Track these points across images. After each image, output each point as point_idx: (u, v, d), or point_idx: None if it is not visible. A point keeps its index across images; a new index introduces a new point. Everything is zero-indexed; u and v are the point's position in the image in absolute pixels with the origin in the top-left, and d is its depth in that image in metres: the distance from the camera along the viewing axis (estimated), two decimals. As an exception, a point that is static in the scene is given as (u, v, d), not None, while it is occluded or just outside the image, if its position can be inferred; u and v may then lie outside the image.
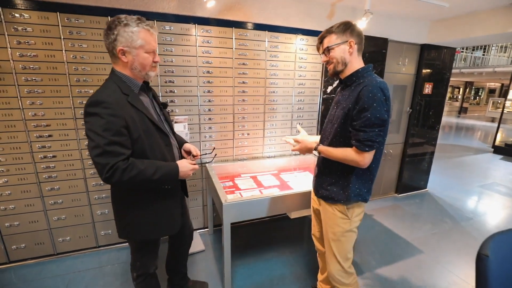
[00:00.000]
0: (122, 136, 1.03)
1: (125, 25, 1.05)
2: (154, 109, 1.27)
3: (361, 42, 1.25)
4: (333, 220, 1.38)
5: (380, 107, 1.10)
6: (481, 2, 2.31)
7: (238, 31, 2.23)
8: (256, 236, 2.55)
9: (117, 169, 1.01)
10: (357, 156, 1.18)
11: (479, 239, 2.63)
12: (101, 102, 1.02)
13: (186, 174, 1.23)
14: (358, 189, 1.30)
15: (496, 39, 2.74)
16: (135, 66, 1.12)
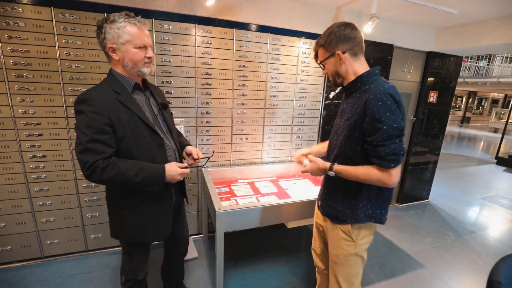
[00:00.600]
0: (104, 134, 1.01)
1: (112, 22, 1.04)
2: (150, 109, 1.22)
3: (354, 45, 1.11)
4: (336, 241, 1.26)
5: (394, 115, 0.98)
6: (489, 11, 2.24)
7: (239, 32, 2.17)
8: (251, 244, 2.47)
9: (97, 167, 0.99)
10: (383, 175, 1.02)
11: (483, 254, 2.55)
12: (86, 99, 1.01)
13: (173, 178, 1.16)
14: (370, 209, 1.17)
15: (504, 49, 2.67)
16: (126, 63, 1.09)
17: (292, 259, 2.28)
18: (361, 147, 1.10)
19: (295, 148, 2.67)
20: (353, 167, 1.09)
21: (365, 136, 1.06)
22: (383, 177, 1.03)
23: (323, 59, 1.16)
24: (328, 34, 1.12)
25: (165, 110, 1.32)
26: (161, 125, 1.26)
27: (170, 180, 1.16)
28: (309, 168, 1.23)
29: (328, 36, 1.12)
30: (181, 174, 1.18)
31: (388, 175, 1.02)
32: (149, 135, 1.15)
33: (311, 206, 1.85)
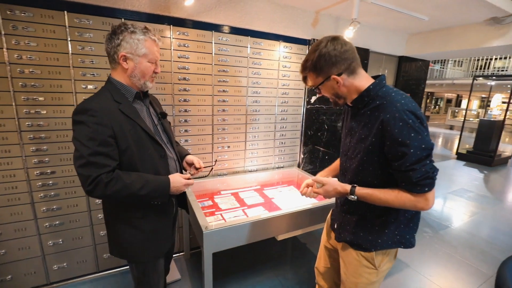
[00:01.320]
0: (108, 147, 0.97)
1: (132, 32, 1.04)
2: (151, 118, 1.20)
3: (350, 62, 0.96)
4: (355, 269, 1.13)
5: (420, 134, 0.86)
6: (456, 18, 2.37)
7: (219, 35, 2.04)
8: (237, 259, 2.33)
9: (100, 182, 0.95)
10: (418, 201, 0.90)
11: (459, 248, 2.68)
12: (87, 109, 0.96)
13: (178, 189, 1.14)
14: (398, 235, 1.04)
15: (469, 54, 2.86)
16: (135, 74, 1.08)
17: (281, 271, 2.19)
18: (382, 170, 0.98)
19: (278, 155, 2.60)
20: (381, 191, 0.96)
21: (390, 161, 0.93)
22: (419, 202, 0.91)
23: (317, 84, 1.01)
24: (317, 58, 0.95)
25: (164, 120, 1.28)
26: (161, 135, 1.22)
27: (174, 192, 1.13)
28: (322, 191, 1.06)
29: (317, 61, 0.96)
30: (185, 185, 1.16)
31: (424, 199, 0.90)
32: (152, 146, 1.11)
33: (303, 216, 1.77)
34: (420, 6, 2.12)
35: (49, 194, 1.71)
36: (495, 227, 3.21)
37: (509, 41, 2.27)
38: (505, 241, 2.88)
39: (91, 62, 1.67)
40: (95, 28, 1.64)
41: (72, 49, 1.61)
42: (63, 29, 1.57)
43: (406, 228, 1.05)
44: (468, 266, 2.40)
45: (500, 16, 2.18)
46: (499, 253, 2.64)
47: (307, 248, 2.52)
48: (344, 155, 1.13)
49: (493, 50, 2.56)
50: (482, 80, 6.68)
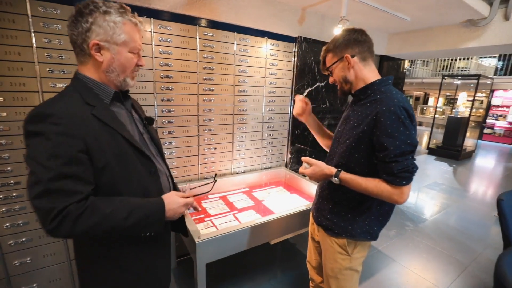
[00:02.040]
0: (78, 165, 0.72)
1: (105, 13, 0.79)
2: (135, 125, 0.94)
3: (364, 49, 1.06)
4: (330, 254, 1.20)
5: (408, 130, 0.93)
6: (435, 19, 2.45)
7: (203, 30, 1.92)
8: (228, 266, 2.24)
9: (67, 216, 0.69)
10: (394, 192, 0.96)
11: (438, 240, 2.80)
12: (47, 115, 0.70)
13: (175, 212, 0.90)
14: (367, 225, 1.11)
15: (446, 54, 2.99)
16: (113, 68, 0.83)
17: (273, 275, 2.13)
18: (366, 159, 1.03)
19: (266, 155, 2.53)
20: (363, 178, 1.01)
21: (375, 151, 0.98)
22: (394, 194, 0.96)
23: (331, 64, 1.10)
24: (337, 38, 1.08)
25: (150, 126, 1.03)
26: (148, 145, 0.97)
27: (171, 216, 0.89)
28: (310, 171, 1.10)
29: (336, 40, 1.08)
30: (185, 205, 0.93)
31: (400, 192, 0.96)
32: (138, 160, 0.86)
33: (296, 219, 1.73)
34: (405, 6, 2.15)
35: (14, 208, 1.49)
36: (467, 217, 3.42)
37: (483, 43, 2.38)
38: (477, 231, 3.07)
39: (59, 57, 1.48)
40: (64, 19, 1.45)
41: (37, 42, 1.41)
42: (25, 19, 1.37)
43: (376, 220, 1.12)
44: (448, 257, 2.51)
45: (476, 18, 2.28)
46: (473, 242, 2.80)
47: (297, 249, 2.50)
48: (336, 141, 1.18)
49: (468, 51, 2.69)
50: (449, 79, 7.13)
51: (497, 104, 9.53)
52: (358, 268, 1.20)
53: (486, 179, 5.30)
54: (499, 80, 8.58)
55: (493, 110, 9.58)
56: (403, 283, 2.13)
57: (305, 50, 2.45)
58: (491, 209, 3.70)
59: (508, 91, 9.28)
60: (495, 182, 5.09)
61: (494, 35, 2.31)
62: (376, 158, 0.99)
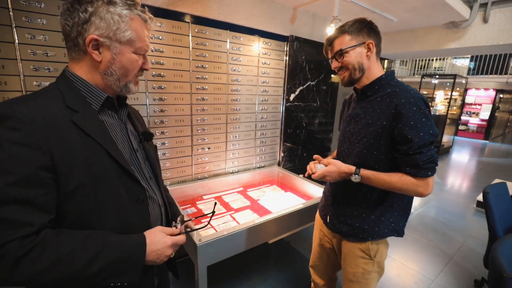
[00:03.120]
0: (35, 187, 0.56)
1: (109, 3, 0.65)
2: (127, 140, 0.78)
3: (380, 43, 1.05)
4: (351, 259, 1.16)
5: (430, 120, 0.93)
6: (420, 21, 2.55)
7: (196, 28, 1.88)
8: (224, 267, 2.21)
9: (4, 257, 0.52)
10: (420, 185, 0.93)
11: (424, 233, 2.91)
12: (5, 117, 0.55)
13: (160, 255, 0.70)
14: (393, 222, 1.08)
15: (430, 54, 3.12)
16: (112, 70, 0.69)
17: (270, 274, 2.13)
18: (385, 155, 1.01)
19: (259, 154, 2.53)
20: (386, 174, 0.98)
21: (397, 145, 0.96)
22: (420, 187, 0.94)
23: (348, 46, 1.00)
24: (360, 21, 1.02)
25: (147, 143, 0.86)
26: (141, 166, 0.79)
27: (154, 260, 0.69)
28: (325, 171, 1.04)
29: (360, 22, 1.02)
30: (173, 245, 0.73)
31: (426, 184, 0.94)
32: (122, 185, 0.69)
33: (294, 217, 1.73)
34: (393, 7, 2.22)
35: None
36: (448, 210, 3.60)
37: (464, 44, 2.51)
38: (458, 222, 3.24)
39: (44, 54, 1.39)
40: (48, 13, 1.36)
41: (19, 38, 1.31)
42: (6, 12, 1.27)
43: (399, 216, 1.09)
44: (434, 248, 2.63)
45: (458, 20, 2.39)
46: (456, 233, 2.95)
47: (291, 247, 2.51)
48: (347, 142, 1.14)
49: (450, 52, 2.82)
50: (427, 79, 7.46)
51: (471, 102, 10.11)
52: (381, 272, 1.17)
53: (462, 173, 5.60)
54: (472, 80, 9.10)
55: (467, 108, 10.15)
56: (395, 275, 2.21)
57: (297, 49, 2.46)
58: (470, 201, 3.91)
59: (480, 89, 9.87)
60: (470, 175, 5.39)
61: (474, 37, 2.44)
62: (397, 151, 0.97)
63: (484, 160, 6.78)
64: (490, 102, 9.65)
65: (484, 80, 8.98)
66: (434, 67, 11.09)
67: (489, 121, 9.63)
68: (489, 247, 1.72)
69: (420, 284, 2.11)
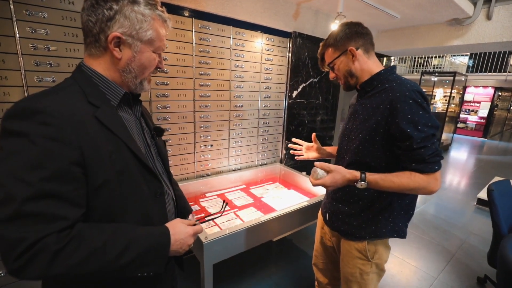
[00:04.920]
0: (68, 182, 0.56)
1: (133, 2, 0.66)
2: (142, 135, 0.79)
3: (366, 41, 1.03)
4: (349, 259, 1.14)
5: (428, 112, 0.90)
6: (424, 17, 2.53)
7: (199, 23, 1.85)
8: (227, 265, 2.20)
9: (42, 251, 0.52)
10: (430, 181, 0.90)
11: (426, 230, 2.92)
12: (36, 111, 0.55)
13: (183, 244, 0.72)
14: (392, 222, 1.05)
15: (433, 51, 3.10)
16: (131, 68, 0.70)
17: (274, 270, 2.13)
18: (382, 152, 0.99)
19: (261, 152, 2.51)
20: (393, 174, 0.94)
21: (397, 141, 0.94)
22: (431, 183, 0.91)
23: (333, 58, 1.05)
24: (337, 32, 1.05)
25: (159, 138, 0.88)
26: (155, 161, 0.81)
27: (177, 250, 0.71)
28: (329, 180, 0.94)
29: (337, 34, 1.05)
30: (194, 234, 0.76)
31: (434, 179, 0.91)
32: (144, 179, 0.70)
33: (299, 215, 1.73)
34: (396, 4, 2.20)
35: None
36: (448, 207, 3.61)
37: (467, 41, 2.50)
38: (459, 219, 3.25)
39: (46, 48, 1.36)
40: (50, 7, 1.33)
41: (20, 32, 1.28)
42: (6, 5, 1.23)
43: (399, 216, 1.07)
44: (436, 245, 2.64)
45: (461, 17, 2.38)
46: (457, 230, 2.96)
47: (293, 244, 2.51)
48: (346, 138, 1.13)
49: (453, 49, 2.81)
50: (427, 76, 7.47)
51: (469, 100, 10.15)
52: (380, 269, 1.13)
53: (461, 170, 5.63)
54: (471, 77, 9.12)
55: (466, 106, 10.19)
56: (398, 272, 2.21)
57: (300, 45, 2.44)
58: (470, 198, 3.93)
59: (478, 87, 9.90)
60: (469, 173, 5.42)
61: (477, 34, 2.43)
62: (399, 148, 0.94)
63: (483, 158, 6.82)
64: (489, 100, 9.69)
65: (483, 77, 9.01)
66: (433, 65, 11.10)
67: (488, 119, 9.68)
68: (493, 244, 1.73)
69: (423, 281, 2.12)
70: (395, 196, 1.03)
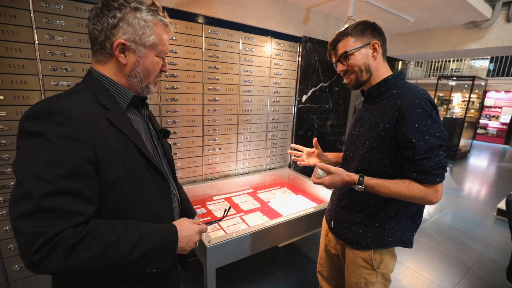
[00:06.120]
0: (83, 179, 0.59)
1: (136, 10, 0.69)
2: (150, 136, 0.83)
3: (385, 43, 1.02)
4: (354, 268, 1.12)
5: (436, 122, 0.88)
6: (438, 21, 2.46)
7: (209, 28, 1.88)
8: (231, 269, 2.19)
9: (59, 245, 0.54)
10: (428, 192, 0.88)
11: (441, 241, 2.80)
12: (53, 112, 0.58)
13: (190, 241, 0.75)
14: (398, 231, 1.02)
15: (448, 55, 3.01)
16: (136, 73, 0.73)
17: (280, 276, 2.10)
18: (389, 160, 0.97)
19: (269, 156, 2.51)
20: (391, 181, 0.94)
21: (401, 149, 0.92)
22: (429, 194, 0.89)
23: (352, 48, 0.99)
24: (363, 22, 1.01)
25: (165, 140, 0.92)
26: (162, 161, 0.85)
27: (184, 247, 0.74)
28: (328, 180, 0.98)
29: (363, 24, 1.00)
30: (199, 232, 0.79)
31: (434, 191, 0.89)
32: (151, 178, 0.74)
33: (306, 221, 1.70)
34: (409, 7, 2.15)
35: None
36: (466, 217, 3.45)
37: (485, 45, 2.41)
38: (477, 231, 3.09)
39: (62, 54, 1.42)
40: (67, 15, 1.40)
41: (39, 39, 1.35)
42: (27, 14, 1.31)
43: (406, 225, 1.04)
44: (452, 257, 2.52)
45: (478, 20, 2.30)
46: (475, 242, 2.82)
47: (301, 250, 2.47)
48: (352, 145, 1.11)
49: (469, 53, 2.71)
50: (444, 81, 7.23)
51: (490, 105, 9.72)
52: (386, 283, 1.11)
53: (481, 178, 5.38)
54: (492, 81, 8.75)
55: (486, 111, 9.76)
56: (409, 284, 2.13)
57: (310, 50, 2.43)
58: (489, 208, 3.74)
59: (500, 92, 9.47)
60: (490, 181, 5.17)
61: (495, 37, 2.33)
62: (403, 156, 0.92)
63: (505, 166, 6.49)
64: (511, 105, 9.24)
65: (505, 82, 8.61)
66: (451, 69, 10.75)
67: (510, 125, 9.22)
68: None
69: (436, 294, 2.03)
70: (401, 204, 1.01)
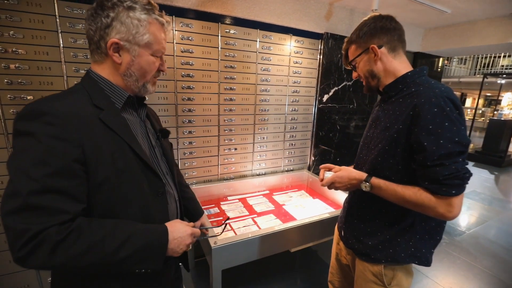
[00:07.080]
0: (70, 178, 0.60)
1: (129, 8, 0.69)
2: (146, 136, 0.83)
3: (393, 39, 0.91)
4: (362, 282, 1.03)
5: (455, 125, 0.76)
6: (480, 11, 2.20)
7: (225, 28, 1.87)
8: (244, 271, 2.17)
9: (44, 241, 0.56)
10: (440, 205, 0.77)
11: (478, 257, 2.52)
12: (42, 113, 0.60)
13: (180, 244, 0.74)
14: (413, 247, 0.91)
15: (492, 50, 2.69)
16: (132, 72, 0.74)
17: (292, 282, 2.03)
18: (403, 166, 0.87)
19: (287, 157, 2.44)
20: (398, 185, 0.85)
21: (414, 153, 0.82)
22: (440, 207, 0.78)
23: (354, 56, 0.96)
24: (360, 27, 0.95)
25: (164, 140, 0.92)
26: (159, 162, 0.85)
27: (174, 249, 0.73)
28: (335, 176, 0.96)
29: (360, 29, 0.94)
30: (191, 235, 0.77)
31: (447, 204, 0.77)
32: (146, 179, 0.74)
33: (319, 227, 1.62)
34: (445, -4, 1.95)
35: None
36: (511, 232, 3.06)
37: (539, 36, 2.10)
38: (526, 248, 2.72)
39: (84, 56, 1.50)
40: (89, 19, 1.47)
41: (64, 42, 1.44)
42: (53, 19, 1.40)
43: (422, 240, 0.92)
44: (491, 276, 2.24)
45: (531, 8, 2.01)
46: (521, 262, 2.48)
47: (318, 256, 2.37)
48: (365, 148, 1.03)
49: (519, 46, 2.39)
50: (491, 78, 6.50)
51: (548, 106, 8.55)
52: None
53: (534, 189, 4.74)
54: (551, 79, 7.68)
55: (543, 113, 8.61)
56: (437, 303, 1.93)
57: (332, 47, 2.32)
58: (542, 224, 3.28)
59: (562, 91, 8.30)
60: (545, 193, 4.54)
61: (553, 26, 2.02)
62: (415, 163, 0.82)
63: None
64: None
65: None
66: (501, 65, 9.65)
67: None
68: None
69: (469, 317, 1.81)
70: (418, 216, 0.90)
